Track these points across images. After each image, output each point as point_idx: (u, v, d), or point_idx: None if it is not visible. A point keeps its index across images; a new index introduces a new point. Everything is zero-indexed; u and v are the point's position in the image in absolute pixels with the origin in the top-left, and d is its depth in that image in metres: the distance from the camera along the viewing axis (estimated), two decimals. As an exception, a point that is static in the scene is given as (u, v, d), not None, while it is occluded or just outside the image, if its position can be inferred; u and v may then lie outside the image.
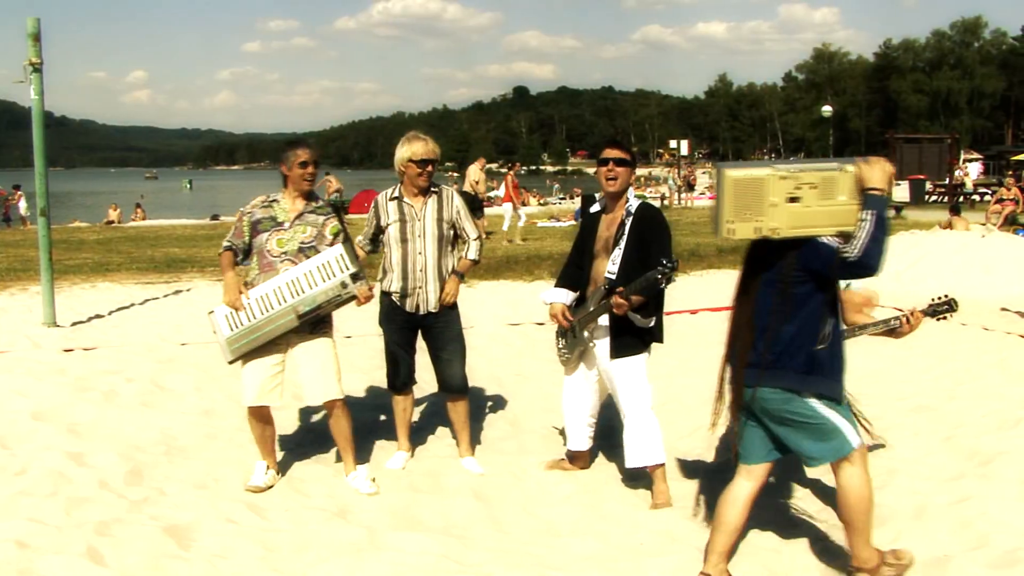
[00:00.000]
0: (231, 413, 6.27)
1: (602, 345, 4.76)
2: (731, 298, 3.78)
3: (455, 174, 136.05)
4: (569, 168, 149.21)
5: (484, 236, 17.28)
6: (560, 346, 5.03)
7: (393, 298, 5.16)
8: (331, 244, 4.87)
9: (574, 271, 4.97)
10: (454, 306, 5.23)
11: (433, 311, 5.14)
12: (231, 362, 4.81)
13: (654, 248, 4.49)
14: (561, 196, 47.56)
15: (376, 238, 5.28)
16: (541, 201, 41.73)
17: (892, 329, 4.50)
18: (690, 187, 38.31)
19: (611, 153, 4.69)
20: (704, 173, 55.16)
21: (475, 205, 19.01)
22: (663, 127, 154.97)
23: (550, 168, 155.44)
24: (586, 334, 4.80)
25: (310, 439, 5.81)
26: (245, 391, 4.82)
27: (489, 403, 6.81)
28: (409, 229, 5.10)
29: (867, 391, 6.39)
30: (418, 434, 6.00)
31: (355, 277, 4.78)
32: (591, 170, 21.87)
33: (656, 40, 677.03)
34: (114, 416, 6.06)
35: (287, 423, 5.97)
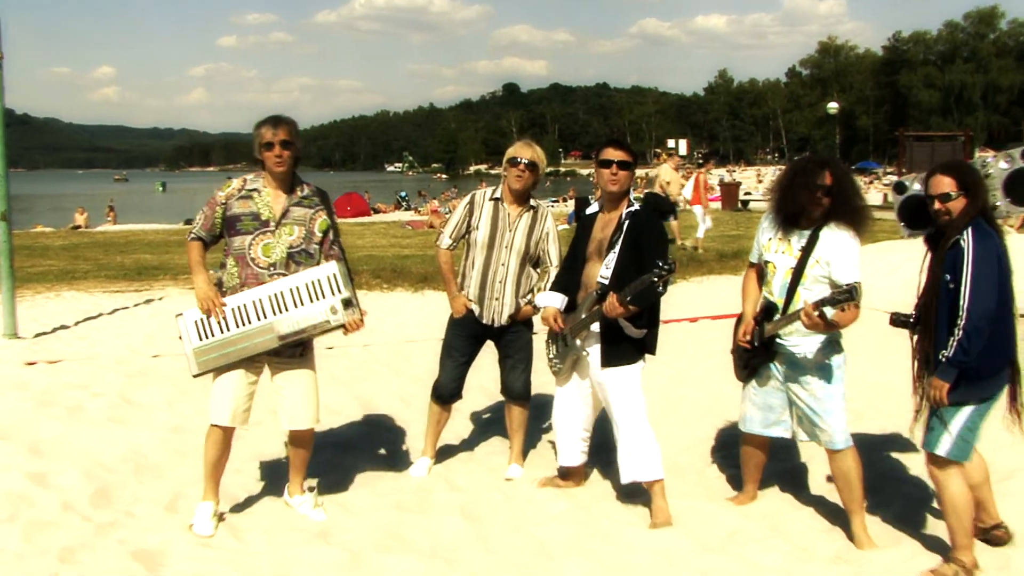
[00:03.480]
0: (203, 429, 6.19)
1: (594, 354, 4.77)
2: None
3: (443, 177, 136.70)
4: (562, 169, 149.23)
5: (677, 243, 17.03)
6: (551, 355, 5.04)
7: (469, 306, 5.32)
8: (320, 242, 4.65)
9: (568, 274, 4.98)
10: (527, 320, 5.42)
11: (505, 324, 5.32)
12: (196, 375, 4.54)
13: (650, 252, 4.50)
14: (554, 199, 47.56)
15: (459, 236, 5.39)
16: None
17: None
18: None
19: (614, 154, 4.70)
20: (709, 175, 55.36)
21: (665, 208, 17.72)
22: (660, 126, 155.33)
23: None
24: (578, 342, 4.80)
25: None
26: (216, 408, 4.55)
27: (478, 416, 6.81)
28: (499, 236, 5.25)
29: (878, 404, 6.41)
30: (405, 448, 5.99)
31: (347, 304, 4.55)
32: (585, 171, 21.97)
33: (653, 34, 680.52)
34: (79, 433, 6.02)
35: (269, 438, 5.94)
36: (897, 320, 4.29)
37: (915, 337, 4.16)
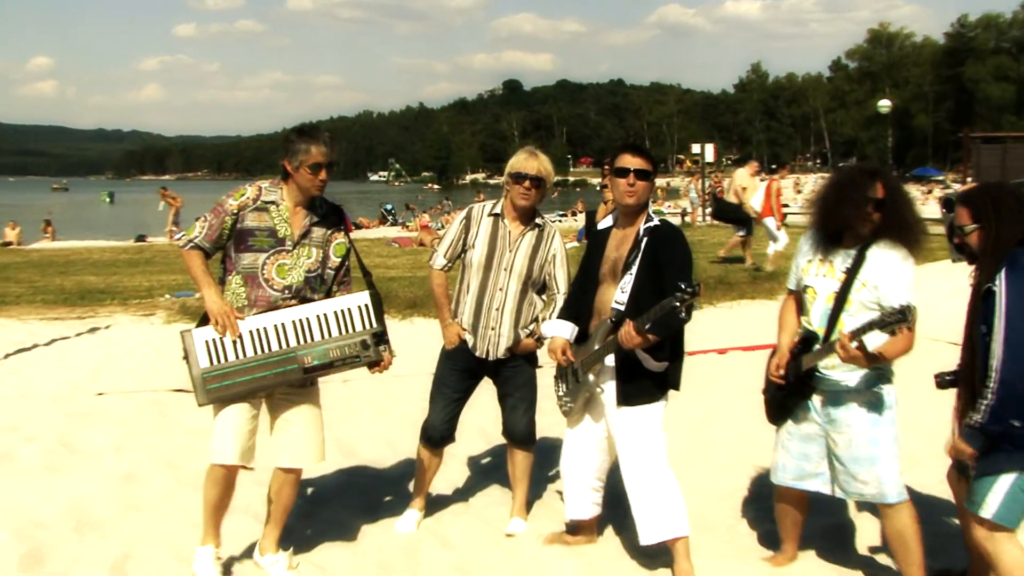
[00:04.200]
0: (158, 477, 6.25)
1: (609, 391, 4.78)
2: None
3: (435, 187, 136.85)
4: (571, 179, 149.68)
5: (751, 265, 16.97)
6: (560, 392, 5.05)
7: (463, 336, 5.35)
8: (337, 268, 4.81)
9: (578, 299, 5.00)
10: (530, 355, 5.45)
11: (503, 357, 5.33)
12: (203, 404, 4.55)
13: (671, 272, 4.51)
14: (561, 213, 47.65)
15: (455, 256, 5.44)
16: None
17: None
18: (717, 201, 38.30)
19: (632, 162, 4.72)
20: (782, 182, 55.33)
21: (740, 217, 17.95)
22: (684, 128, 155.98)
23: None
24: (590, 378, 4.82)
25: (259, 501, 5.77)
26: (220, 446, 4.55)
27: (475, 461, 6.82)
28: (497, 257, 5.28)
29: (938, 449, 6.38)
30: (394, 498, 5.99)
31: (378, 338, 4.71)
32: (597, 180, 21.76)
33: (675, 23, 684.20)
34: (9, 485, 6.02)
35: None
36: (943, 382, 4.27)
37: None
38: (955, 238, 4.03)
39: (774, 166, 19.65)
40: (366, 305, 4.72)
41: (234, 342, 4.53)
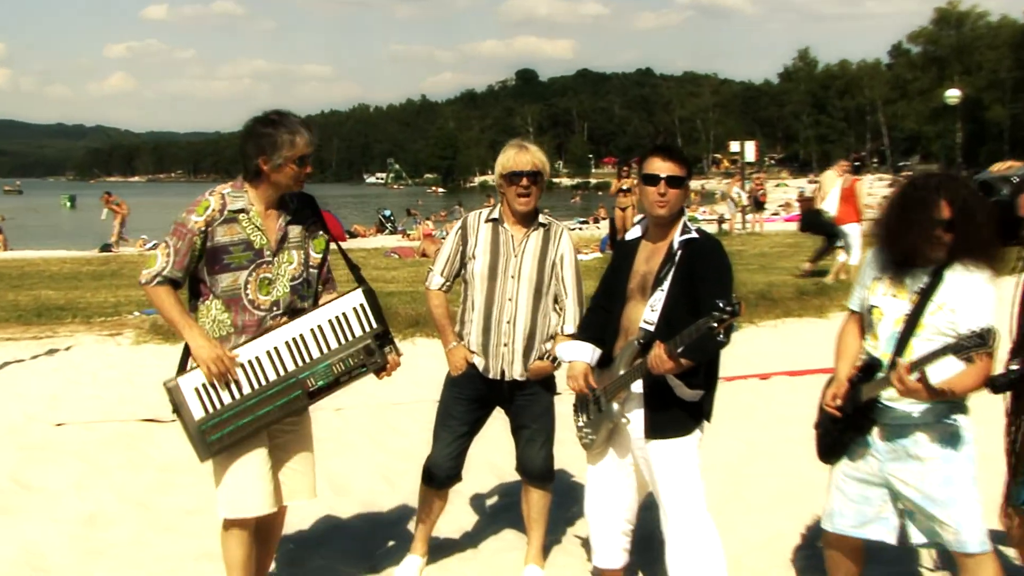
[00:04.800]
0: (125, 519, 6.26)
1: (637, 421, 4.77)
2: None
3: (439, 190, 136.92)
4: (592, 181, 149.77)
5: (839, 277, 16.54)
6: (581, 424, 5.04)
7: (471, 359, 5.36)
8: (319, 266, 4.79)
9: (601, 318, 4.99)
10: (547, 380, 5.46)
11: (519, 380, 5.34)
12: (207, 459, 4.49)
13: (707, 288, 4.49)
14: (582, 220, 47.70)
15: (454, 273, 5.48)
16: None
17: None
18: (758, 205, 38.15)
19: (662, 167, 4.69)
20: (778, 185, 55.03)
21: (828, 231, 17.47)
22: (721, 123, 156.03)
23: (567, 181, 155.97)
24: (614, 407, 4.80)
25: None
26: (241, 499, 4.51)
27: (485, 501, 6.82)
28: (501, 265, 5.31)
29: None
30: (393, 542, 5.98)
31: (381, 339, 4.73)
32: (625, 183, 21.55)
33: (711, 5, 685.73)
34: (-42, 526, 6.02)
35: (205, 528, 5.93)
36: (999, 383, 4.11)
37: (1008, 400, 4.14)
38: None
39: (857, 164, 18.42)
40: (361, 305, 4.71)
41: (230, 384, 4.48)
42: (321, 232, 4.80)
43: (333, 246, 4.90)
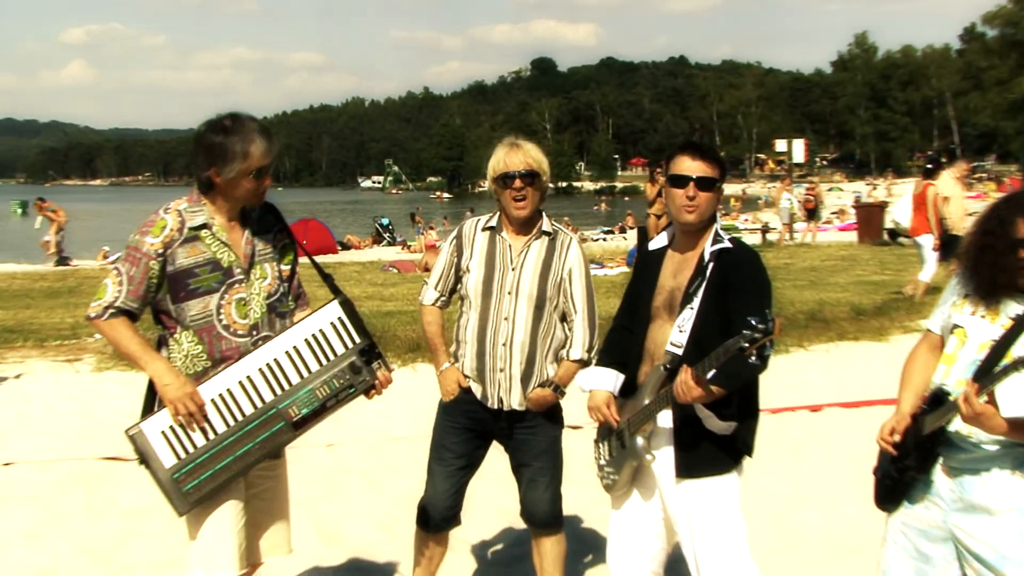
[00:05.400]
0: (84, 573, 6.26)
1: (665, 458, 4.74)
2: None
3: (444, 195, 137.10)
4: (618, 185, 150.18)
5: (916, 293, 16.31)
6: (602, 461, 5.01)
7: (465, 384, 5.38)
8: (289, 278, 4.80)
9: (624, 339, 4.98)
10: (552, 411, 5.44)
11: (518, 409, 5.33)
12: (185, 513, 4.46)
13: (740, 305, 4.46)
14: (606, 229, 47.84)
15: (450, 288, 5.53)
16: (577, 236, 41.92)
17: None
18: (811, 214, 37.69)
19: (692, 167, 4.64)
20: (831, 190, 54.67)
21: (950, 245, 16.20)
22: (765, 119, 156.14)
23: (589, 185, 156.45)
24: (640, 441, 4.76)
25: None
26: (221, 556, 4.49)
27: (493, 549, 6.81)
28: (498, 279, 5.32)
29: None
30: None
31: (367, 354, 4.68)
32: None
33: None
34: None
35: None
36: None
37: None
38: None
39: (929, 166, 17.57)
40: (339, 319, 4.67)
41: (201, 425, 4.44)
42: (288, 241, 4.82)
43: (303, 257, 4.93)
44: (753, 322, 4.14)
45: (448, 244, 5.52)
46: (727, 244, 4.67)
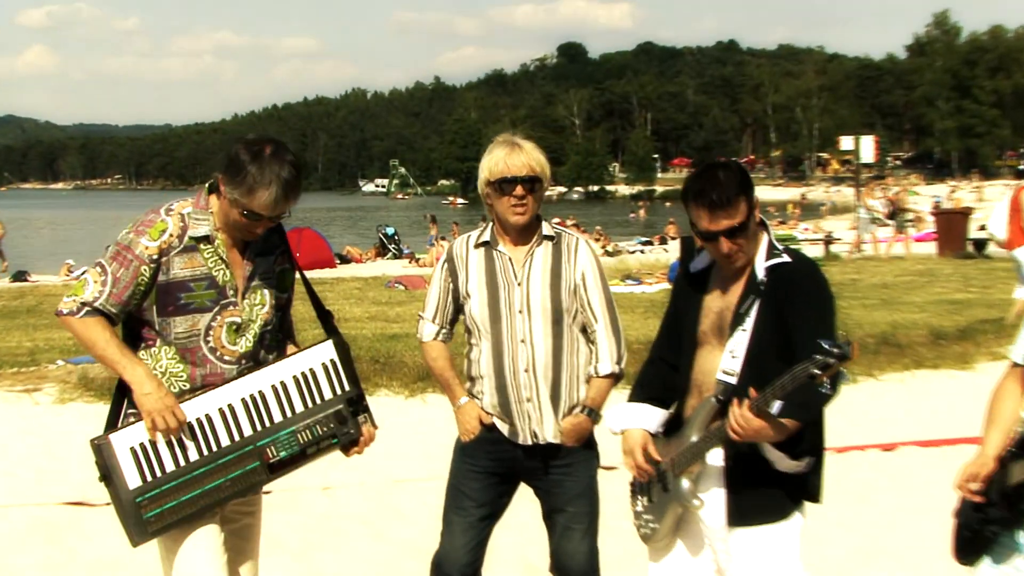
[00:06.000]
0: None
1: (715, 503, 4.73)
2: None
3: (458, 201, 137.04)
4: (658, 188, 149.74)
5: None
6: (639, 508, 5.02)
7: (487, 421, 5.37)
8: (285, 305, 4.88)
9: (662, 370, 5.00)
10: (588, 444, 5.43)
11: (554, 442, 5.32)
12: (140, 544, 4.47)
13: (803, 324, 4.47)
14: (644, 240, 47.78)
15: (450, 319, 5.54)
16: (609, 248, 41.95)
17: None
18: (891, 218, 36.95)
19: (712, 223, 4.55)
20: (910, 192, 54.20)
21: None
22: (829, 113, 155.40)
23: (625, 188, 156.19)
24: (684, 484, 4.75)
25: None
26: None
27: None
28: (504, 299, 5.32)
29: None
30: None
31: (354, 405, 4.80)
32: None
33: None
34: None
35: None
36: None
37: None
38: None
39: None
40: (332, 361, 4.77)
41: (170, 443, 4.49)
42: (287, 264, 4.88)
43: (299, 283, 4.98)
44: (826, 345, 4.14)
45: (439, 270, 5.52)
46: (785, 258, 4.65)
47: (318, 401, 4.70)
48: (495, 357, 5.30)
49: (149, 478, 4.45)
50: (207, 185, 4.68)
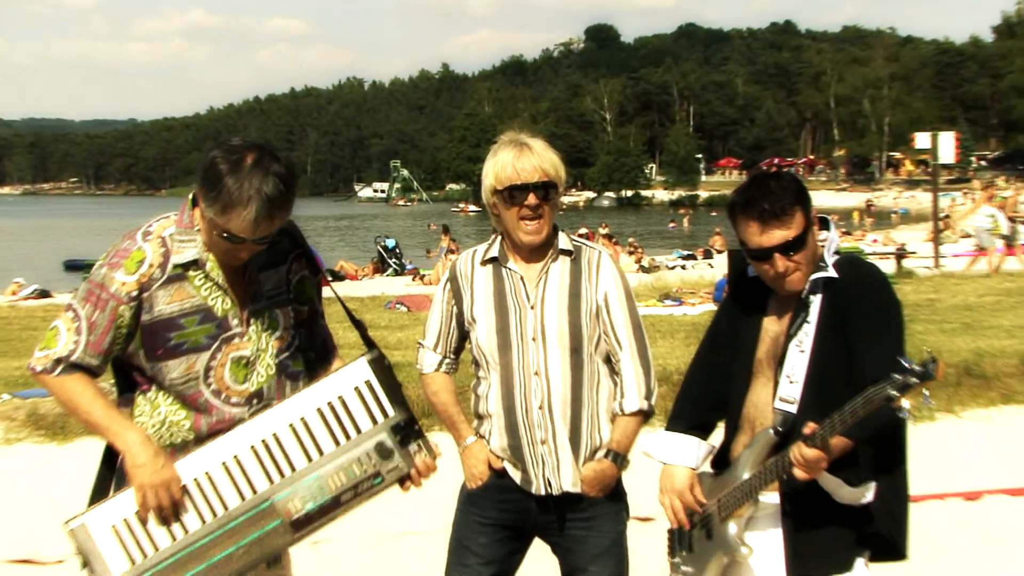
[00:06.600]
0: None
1: (769, 552, 4.72)
2: None
3: (470, 208, 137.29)
4: (701, 194, 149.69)
5: None
6: (677, 558, 5.03)
7: (497, 465, 5.33)
8: (305, 322, 4.79)
9: (704, 396, 5.00)
10: (615, 493, 5.37)
11: (572, 492, 5.25)
12: None
13: (871, 344, 4.46)
14: (686, 253, 47.82)
15: (454, 347, 5.51)
16: (645, 263, 41.97)
17: None
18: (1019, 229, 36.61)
19: (763, 237, 4.58)
20: (992, 199, 54.00)
21: None
22: (901, 105, 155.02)
23: (663, 194, 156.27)
24: (731, 529, 4.76)
25: None
26: None
27: None
28: (515, 325, 5.26)
29: None
30: None
31: (402, 432, 4.60)
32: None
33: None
34: None
35: None
36: None
37: None
38: None
39: None
40: (367, 383, 4.59)
41: (168, 520, 4.38)
42: (305, 271, 4.79)
43: (327, 291, 4.91)
44: (904, 363, 4.11)
45: (441, 291, 5.49)
46: (831, 273, 4.64)
47: (353, 435, 4.52)
48: (505, 392, 5.25)
49: (139, 559, 4.35)
50: (190, 197, 4.54)
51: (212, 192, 4.29)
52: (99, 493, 4.49)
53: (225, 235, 4.34)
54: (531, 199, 5.13)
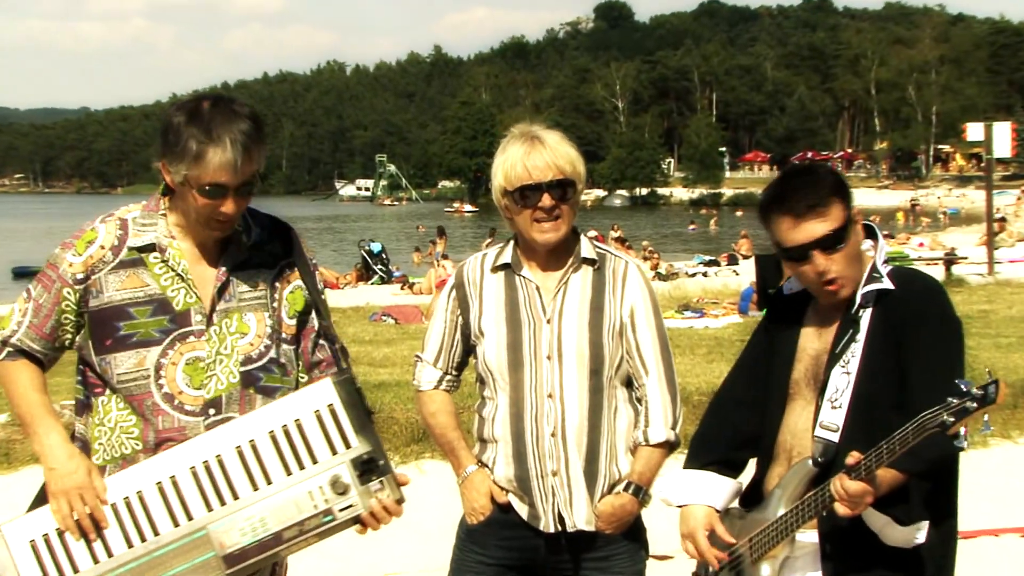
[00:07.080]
0: None
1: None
2: None
3: (466, 208, 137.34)
4: (726, 191, 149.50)
5: None
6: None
7: (501, 498, 5.26)
8: (298, 336, 4.73)
9: (729, 423, 5.00)
10: (633, 529, 5.32)
11: (586, 530, 5.20)
12: None
13: (928, 366, 4.44)
14: (708, 260, 47.81)
15: (456, 363, 5.46)
16: (662, 269, 41.93)
17: None
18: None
19: (798, 233, 4.54)
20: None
21: None
22: (951, 92, 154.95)
23: (683, 192, 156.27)
24: (766, 571, 4.76)
25: None
26: None
27: None
28: (528, 340, 5.20)
29: None
30: None
31: (365, 465, 4.45)
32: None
33: None
34: None
35: None
36: None
37: None
38: None
39: None
40: (330, 408, 4.45)
41: (91, 537, 4.34)
42: (298, 281, 4.74)
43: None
44: (963, 386, 4.07)
45: (445, 298, 5.43)
46: (885, 284, 4.60)
47: (308, 465, 4.40)
48: (514, 416, 5.18)
49: None
50: (161, 185, 4.53)
51: (178, 147, 4.30)
52: (39, 500, 4.47)
53: (207, 188, 4.30)
54: (545, 200, 5.05)
